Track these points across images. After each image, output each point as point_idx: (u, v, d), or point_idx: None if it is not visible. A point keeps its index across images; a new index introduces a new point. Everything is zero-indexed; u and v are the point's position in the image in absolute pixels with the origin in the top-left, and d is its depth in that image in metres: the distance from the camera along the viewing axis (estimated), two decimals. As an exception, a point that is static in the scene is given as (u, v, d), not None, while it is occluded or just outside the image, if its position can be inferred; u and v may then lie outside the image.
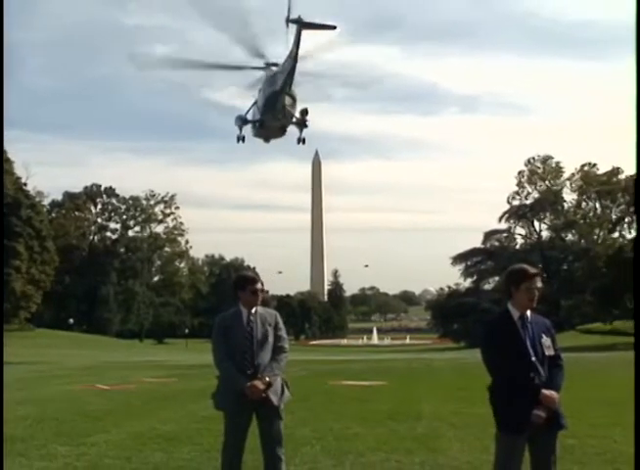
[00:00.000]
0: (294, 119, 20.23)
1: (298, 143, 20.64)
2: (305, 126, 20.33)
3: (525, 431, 4.27)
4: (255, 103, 20.46)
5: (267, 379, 5.15)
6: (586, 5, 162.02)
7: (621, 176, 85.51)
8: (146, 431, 9.10)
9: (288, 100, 19.41)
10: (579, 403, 10.23)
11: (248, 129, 21.49)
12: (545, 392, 4.27)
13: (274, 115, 19.88)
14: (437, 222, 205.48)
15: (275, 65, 19.37)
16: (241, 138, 21.16)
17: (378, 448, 7.69)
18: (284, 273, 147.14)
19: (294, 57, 18.12)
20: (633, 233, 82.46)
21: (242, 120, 20.91)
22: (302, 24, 17.65)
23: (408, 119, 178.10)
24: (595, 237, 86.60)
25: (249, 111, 20.81)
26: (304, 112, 20.11)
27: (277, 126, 20.72)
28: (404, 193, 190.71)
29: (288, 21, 17.64)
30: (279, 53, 19.22)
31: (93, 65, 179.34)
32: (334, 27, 18.35)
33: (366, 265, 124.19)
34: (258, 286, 5.35)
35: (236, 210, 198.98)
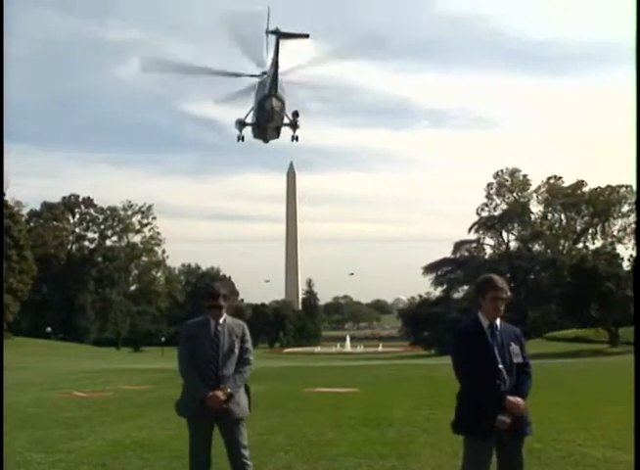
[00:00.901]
0: (285, 121, 22.27)
1: (292, 140, 22.66)
2: (297, 127, 22.34)
3: (490, 437, 4.37)
4: (253, 108, 22.52)
5: (229, 390, 5.12)
6: (548, 25, 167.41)
7: (585, 189, 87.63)
8: (122, 438, 9.11)
9: (276, 102, 21.30)
10: (545, 408, 10.51)
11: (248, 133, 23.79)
12: (510, 398, 4.37)
13: (266, 117, 22.02)
14: (409, 233, 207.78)
15: (264, 72, 21.30)
16: (240, 137, 23.23)
17: (351, 454, 7.78)
18: (259, 282, 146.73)
19: (274, 64, 20.21)
20: (597, 244, 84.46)
21: (241, 124, 22.97)
22: (280, 34, 19.63)
23: (381, 133, 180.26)
24: (560, 247, 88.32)
25: (248, 115, 22.84)
26: (295, 113, 22.18)
27: (271, 127, 22.86)
28: (377, 204, 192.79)
29: (267, 32, 19.48)
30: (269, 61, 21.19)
31: (72, 77, 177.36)
32: (307, 36, 20.36)
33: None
34: (218, 302, 5.30)
35: (212, 220, 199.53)
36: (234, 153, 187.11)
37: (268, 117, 21.83)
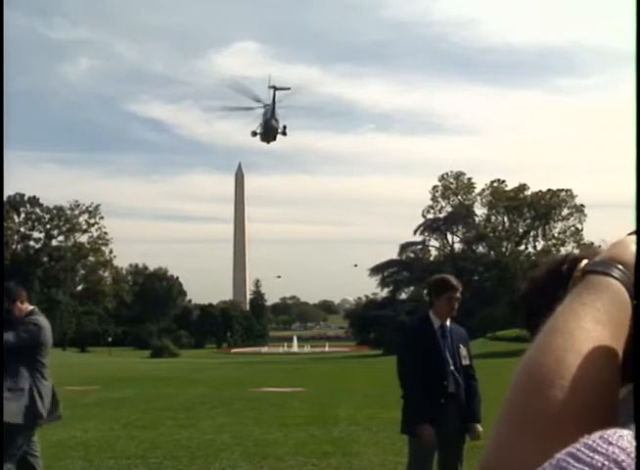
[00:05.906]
0: (279, 131, 40.21)
1: (283, 135, 41.21)
2: (285, 134, 40.91)
3: (436, 437, 4.44)
4: (260, 124, 39.66)
5: None
6: (491, 33, 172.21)
7: (527, 192, 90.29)
8: (67, 439, 8.98)
9: (275, 122, 38.92)
10: (487, 406, 10.85)
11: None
12: (477, 428, 4.57)
13: (269, 129, 39.64)
14: (356, 234, 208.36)
15: (267, 104, 39.36)
16: (254, 136, 40.83)
17: (296, 453, 7.88)
18: (206, 282, 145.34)
19: (273, 101, 37.79)
20: (538, 246, 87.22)
21: (253, 133, 40.49)
22: (276, 88, 37.55)
23: (326, 135, 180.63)
24: (503, 249, 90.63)
25: (258, 127, 40.56)
26: (285, 127, 40.62)
27: (272, 135, 40.21)
28: (325, 206, 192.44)
29: (269, 87, 37.97)
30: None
31: (17, 76, 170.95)
32: (288, 89, 38.85)
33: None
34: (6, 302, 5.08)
35: (160, 220, 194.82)
36: (182, 154, 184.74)
37: (271, 130, 39.03)
